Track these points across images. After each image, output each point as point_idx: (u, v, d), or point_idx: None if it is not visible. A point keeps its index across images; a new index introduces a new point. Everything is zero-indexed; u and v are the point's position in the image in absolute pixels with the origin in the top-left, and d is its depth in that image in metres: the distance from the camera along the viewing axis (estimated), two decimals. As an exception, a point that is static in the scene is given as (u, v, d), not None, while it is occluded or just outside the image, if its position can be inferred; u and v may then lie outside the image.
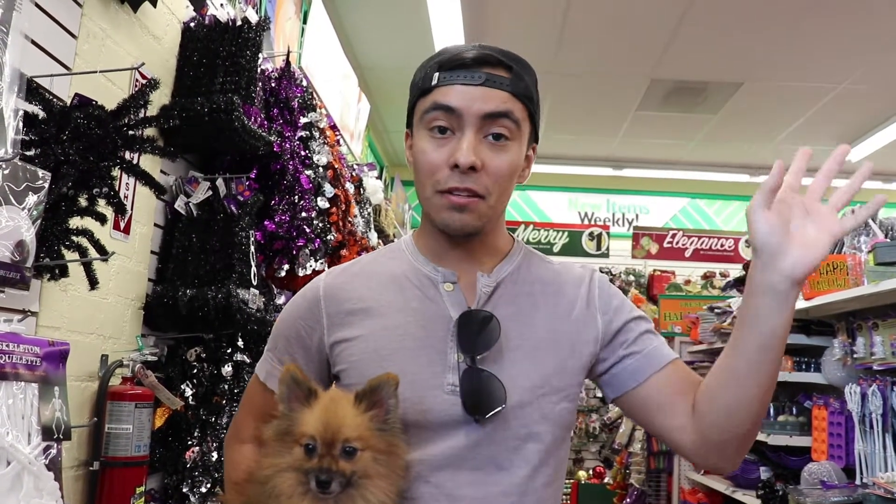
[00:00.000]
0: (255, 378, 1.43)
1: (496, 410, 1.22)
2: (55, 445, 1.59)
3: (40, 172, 1.69)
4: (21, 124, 1.72)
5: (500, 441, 1.24)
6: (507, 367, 1.26)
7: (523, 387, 1.26)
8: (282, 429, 1.17)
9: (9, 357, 1.51)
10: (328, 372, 1.37)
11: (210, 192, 2.67)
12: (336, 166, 3.42)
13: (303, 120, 3.17)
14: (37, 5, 1.87)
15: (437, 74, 1.29)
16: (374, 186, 4.43)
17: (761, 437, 4.23)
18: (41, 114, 1.81)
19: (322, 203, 3.17)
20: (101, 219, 1.90)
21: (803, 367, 4.18)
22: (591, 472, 8.13)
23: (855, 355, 3.49)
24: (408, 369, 1.25)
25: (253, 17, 2.68)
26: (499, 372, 1.25)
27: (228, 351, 2.60)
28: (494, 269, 1.36)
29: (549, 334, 1.31)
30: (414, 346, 1.28)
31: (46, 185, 1.71)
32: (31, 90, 1.80)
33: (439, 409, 1.24)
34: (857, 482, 3.29)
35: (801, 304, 3.89)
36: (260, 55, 2.73)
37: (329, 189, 3.25)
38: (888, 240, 3.54)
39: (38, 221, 1.70)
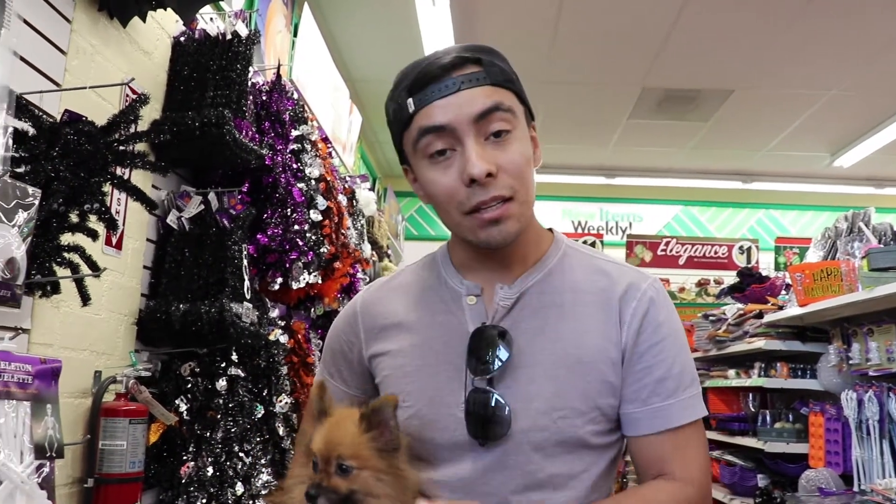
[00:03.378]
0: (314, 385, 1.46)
1: (499, 437, 1.17)
2: (48, 463, 1.57)
3: (30, 189, 1.68)
4: (11, 141, 1.71)
5: (514, 467, 1.18)
6: (522, 387, 1.19)
7: (538, 409, 1.18)
8: (305, 443, 1.19)
9: (0, 375, 1.50)
10: (372, 382, 1.37)
11: (202, 207, 2.66)
12: (328, 178, 3.42)
13: (294, 133, 3.16)
14: (25, 22, 1.87)
15: (410, 100, 1.21)
16: (366, 198, 4.42)
17: (758, 444, 4.23)
18: (31, 130, 1.79)
19: (315, 216, 3.16)
20: (93, 235, 1.89)
21: (799, 373, 4.19)
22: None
23: (850, 361, 3.50)
24: (428, 386, 1.23)
25: (243, 31, 2.68)
26: (513, 391, 1.19)
27: (222, 365, 2.58)
28: (518, 280, 1.27)
29: (575, 350, 1.21)
30: (435, 362, 1.25)
31: (37, 202, 1.70)
32: (21, 107, 1.78)
33: (452, 429, 1.20)
34: (855, 489, 3.29)
35: (795, 310, 3.89)
36: (250, 68, 2.73)
37: (321, 201, 3.24)
38: (882, 245, 3.55)
39: (29, 238, 1.69)
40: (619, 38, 5.47)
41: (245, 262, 2.66)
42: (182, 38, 2.68)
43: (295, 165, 3.11)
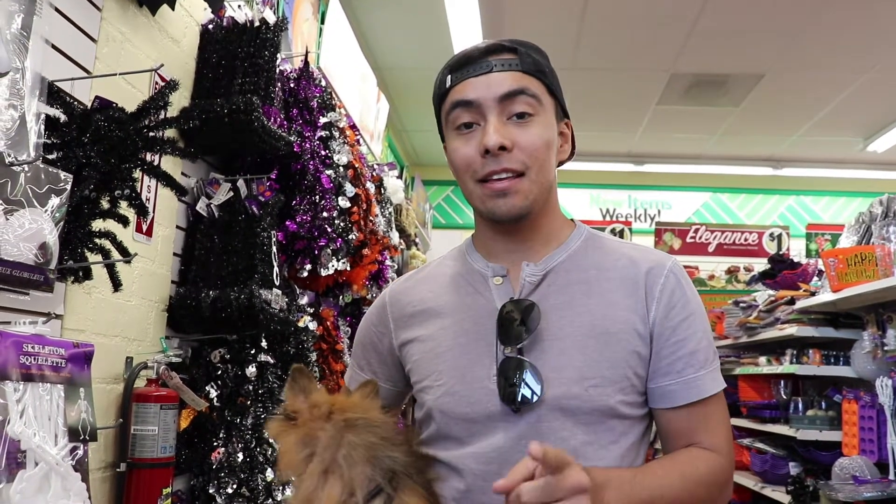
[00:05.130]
0: (343, 384, 1.52)
1: (532, 401, 1.21)
2: (81, 447, 1.59)
3: (62, 175, 1.70)
4: (43, 128, 1.73)
5: (547, 433, 1.22)
6: (552, 357, 1.24)
7: (570, 378, 1.22)
8: None
9: (35, 359, 1.52)
10: (403, 373, 1.43)
11: (231, 194, 2.67)
12: (356, 166, 3.42)
13: (322, 120, 3.16)
14: (57, 10, 1.88)
15: (449, 77, 1.34)
16: (394, 186, 4.42)
17: (790, 432, 4.19)
18: (62, 117, 1.81)
19: (343, 202, 3.17)
20: (124, 221, 1.90)
21: (832, 360, 4.14)
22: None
23: (885, 348, 3.44)
24: (459, 363, 1.28)
25: (271, 18, 2.68)
26: (543, 362, 1.23)
27: (252, 352, 2.59)
28: (544, 259, 1.33)
29: (601, 322, 1.26)
30: (466, 341, 1.30)
31: (68, 188, 1.71)
32: (53, 94, 1.80)
33: (484, 402, 1.25)
34: (891, 477, 3.24)
35: (828, 296, 3.84)
36: (278, 56, 2.73)
37: (350, 188, 3.24)
38: (917, 229, 3.48)
39: (61, 224, 1.70)
40: (647, 24, 5.41)
41: (274, 248, 2.67)
42: (210, 26, 2.69)
43: (323, 152, 3.11)
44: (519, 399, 1.21)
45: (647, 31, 5.53)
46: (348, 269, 3.26)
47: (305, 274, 3.05)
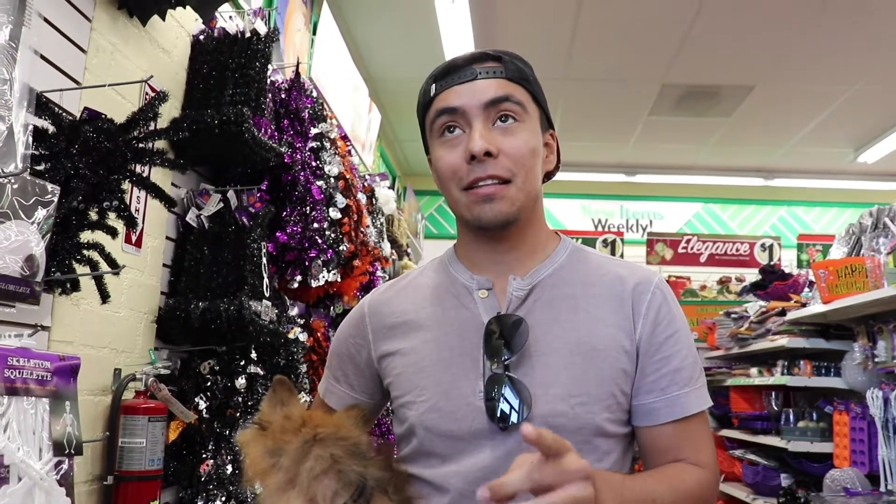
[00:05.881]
0: (317, 395, 1.50)
1: (517, 420, 1.18)
2: (67, 460, 1.58)
3: (49, 186, 1.69)
4: (31, 139, 1.72)
5: (535, 451, 1.20)
6: (539, 374, 1.22)
7: (556, 395, 1.20)
8: None
9: (19, 372, 1.50)
10: (380, 385, 1.40)
11: (221, 205, 2.66)
12: (348, 176, 3.41)
13: (313, 131, 3.16)
14: (46, 20, 1.87)
15: (433, 86, 1.32)
16: (386, 196, 4.41)
17: (781, 443, 4.19)
18: (51, 128, 1.80)
19: (334, 214, 3.16)
20: (112, 232, 1.89)
21: (823, 371, 4.14)
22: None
23: (876, 359, 3.45)
24: (443, 379, 1.25)
25: (262, 29, 2.68)
26: (530, 379, 1.21)
27: (242, 363, 2.58)
28: (530, 273, 1.31)
29: (588, 338, 1.24)
30: (450, 355, 1.27)
31: (56, 199, 1.70)
32: (41, 105, 1.79)
33: (470, 419, 1.22)
34: (882, 489, 3.24)
35: (819, 307, 3.84)
36: (269, 66, 2.73)
37: (341, 199, 3.24)
38: (907, 241, 3.49)
39: (48, 235, 1.69)
40: (639, 35, 5.42)
41: (264, 259, 2.66)
42: (201, 37, 2.69)
43: (314, 163, 3.10)
44: (498, 414, 1.19)
45: (639, 42, 5.54)
46: (339, 280, 3.26)
47: (296, 285, 3.04)
